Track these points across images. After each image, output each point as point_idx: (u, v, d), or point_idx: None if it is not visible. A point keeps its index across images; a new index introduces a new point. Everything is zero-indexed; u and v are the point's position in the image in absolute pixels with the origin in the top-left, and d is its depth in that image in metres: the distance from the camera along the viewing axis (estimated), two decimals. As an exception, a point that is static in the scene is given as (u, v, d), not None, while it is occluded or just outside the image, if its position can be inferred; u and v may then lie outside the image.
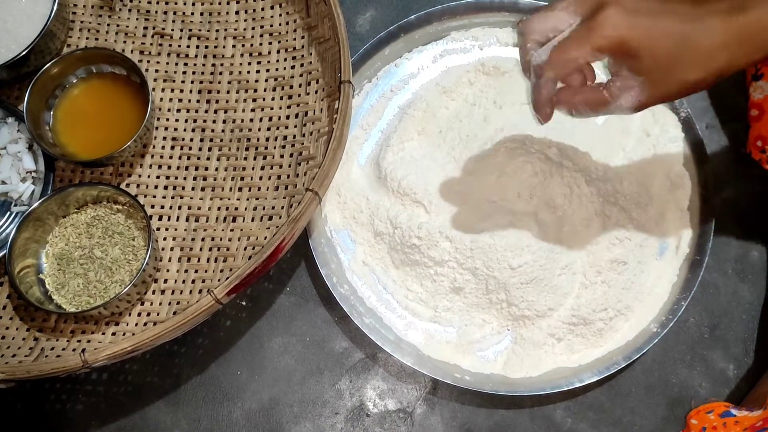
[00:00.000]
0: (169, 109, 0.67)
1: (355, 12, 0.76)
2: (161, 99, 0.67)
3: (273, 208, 0.62)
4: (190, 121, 0.67)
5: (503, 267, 0.60)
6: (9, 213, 0.62)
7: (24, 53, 0.62)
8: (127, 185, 0.65)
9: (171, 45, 0.69)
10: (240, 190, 0.64)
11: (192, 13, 0.70)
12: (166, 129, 0.66)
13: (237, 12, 0.70)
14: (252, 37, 0.69)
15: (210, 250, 0.62)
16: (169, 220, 0.64)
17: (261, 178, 0.64)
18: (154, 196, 0.64)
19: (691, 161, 0.67)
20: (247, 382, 0.64)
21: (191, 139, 0.66)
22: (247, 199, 0.64)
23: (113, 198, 0.62)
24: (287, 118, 0.65)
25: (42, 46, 0.63)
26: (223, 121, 0.67)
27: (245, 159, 0.65)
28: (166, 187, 0.65)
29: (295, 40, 0.68)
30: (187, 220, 0.64)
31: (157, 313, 0.60)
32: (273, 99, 0.67)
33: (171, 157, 0.66)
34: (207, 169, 0.65)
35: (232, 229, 0.62)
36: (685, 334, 0.65)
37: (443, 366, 0.61)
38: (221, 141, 0.66)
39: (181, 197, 0.64)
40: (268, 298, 0.66)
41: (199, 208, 0.64)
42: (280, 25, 0.69)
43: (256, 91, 0.67)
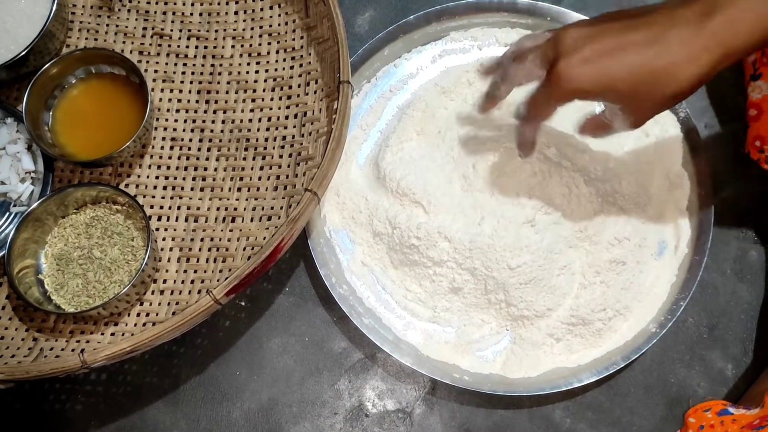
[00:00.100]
0: (168, 110, 0.67)
1: (354, 12, 0.76)
2: (160, 99, 0.67)
3: (272, 208, 0.62)
4: (189, 122, 0.67)
5: (502, 267, 0.60)
6: (8, 213, 0.62)
7: (23, 53, 0.62)
8: (126, 185, 0.65)
9: (170, 45, 0.69)
10: (239, 190, 0.64)
11: (191, 14, 0.70)
12: (166, 129, 0.66)
13: (236, 12, 0.70)
14: (251, 37, 0.69)
15: (209, 250, 0.62)
16: (168, 220, 0.64)
17: (260, 179, 0.64)
18: (153, 197, 0.64)
19: (690, 161, 0.67)
20: (246, 383, 0.64)
21: (190, 140, 0.66)
22: (246, 199, 0.64)
23: (112, 198, 0.62)
24: (286, 118, 0.66)
25: (41, 46, 0.63)
26: (222, 122, 0.67)
27: (244, 159, 0.65)
28: (165, 188, 0.65)
29: (294, 40, 0.68)
30: (186, 220, 0.64)
31: (156, 314, 0.60)
32: (272, 99, 0.67)
33: (170, 157, 0.66)
34: (206, 169, 0.65)
35: (231, 230, 0.62)
36: (684, 334, 0.65)
37: (442, 366, 0.61)
38: (220, 141, 0.66)
39: (180, 197, 0.64)
40: (267, 299, 0.66)
41: (198, 209, 0.64)
42: (279, 25, 0.69)
43: (255, 91, 0.67)
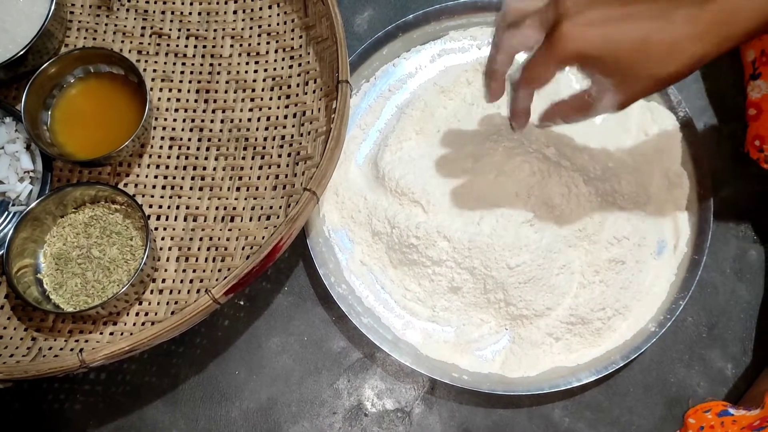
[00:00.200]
0: (167, 109, 0.67)
1: (353, 11, 0.76)
2: (159, 99, 0.67)
3: (271, 207, 0.62)
4: (188, 121, 0.67)
5: (501, 266, 0.60)
6: (7, 213, 0.62)
7: (21, 53, 0.61)
8: (125, 185, 0.65)
9: (169, 45, 0.69)
10: (238, 189, 0.64)
11: (190, 13, 0.70)
12: (164, 129, 0.66)
13: (235, 12, 0.70)
14: (250, 36, 0.69)
15: (208, 249, 0.62)
16: (167, 219, 0.64)
17: (259, 178, 0.64)
18: (152, 196, 0.64)
19: (689, 160, 0.67)
20: (245, 382, 0.64)
21: (189, 139, 0.66)
22: (245, 198, 0.64)
23: (111, 198, 0.62)
24: (285, 117, 0.65)
25: (40, 45, 0.63)
26: (221, 121, 0.67)
27: (243, 159, 0.65)
28: (164, 187, 0.65)
29: (293, 39, 0.68)
30: (185, 219, 0.64)
31: (155, 313, 0.60)
32: (271, 99, 0.67)
33: (169, 156, 0.66)
34: (205, 168, 0.65)
35: (230, 229, 0.62)
36: (683, 334, 0.65)
37: (441, 365, 0.61)
38: (219, 141, 0.66)
39: (179, 197, 0.64)
40: (266, 298, 0.66)
41: (197, 208, 0.64)
42: (278, 24, 0.69)
43: (254, 90, 0.67)
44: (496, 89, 0.53)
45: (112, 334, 0.59)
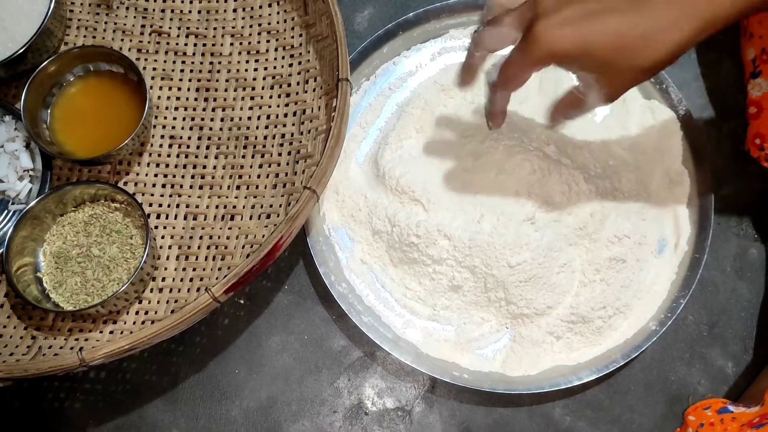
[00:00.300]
0: (167, 108, 0.67)
1: (354, 10, 0.76)
2: (159, 97, 0.67)
3: (271, 206, 0.62)
4: (188, 120, 0.67)
5: (502, 265, 0.60)
6: (6, 211, 0.62)
7: (21, 51, 0.61)
8: (125, 183, 0.64)
9: (169, 43, 0.69)
10: (238, 188, 0.64)
11: (190, 11, 0.70)
12: (164, 127, 0.66)
13: (235, 10, 0.70)
14: (250, 35, 0.69)
15: (208, 248, 0.62)
16: (167, 218, 0.63)
17: (259, 177, 0.64)
18: (152, 195, 0.64)
19: (690, 159, 0.67)
20: (246, 381, 0.63)
21: (189, 138, 0.66)
22: (245, 197, 0.63)
23: (111, 196, 0.61)
24: (285, 116, 0.65)
25: (39, 44, 0.63)
26: (221, 120, 0.67)
27: (243, 157, 0.65)
28: (164, 186, 0.65)
29: (293, 38, 0.68)
30: (185, 218, 0.63)
31: (155, 312, 0.59)
32: (271, 97, 0.67)
33: (169, 155, 0.66)
34: (205, 167, 0.65)
35: (230, 228, 0.62)
36: (684, 332, 0.65)
37: (442, 364, 0.61)
38: (219, 139, 0.66)
39: (179, 195, 0.64)
40: (266, 297, 0.66)
41: (197, 207, 0.64)
42: (278, 23, 0.69)
43: (254, 89, 0.67)
44: (467, 80, 0.55)
45: (112, 332, 0.59)
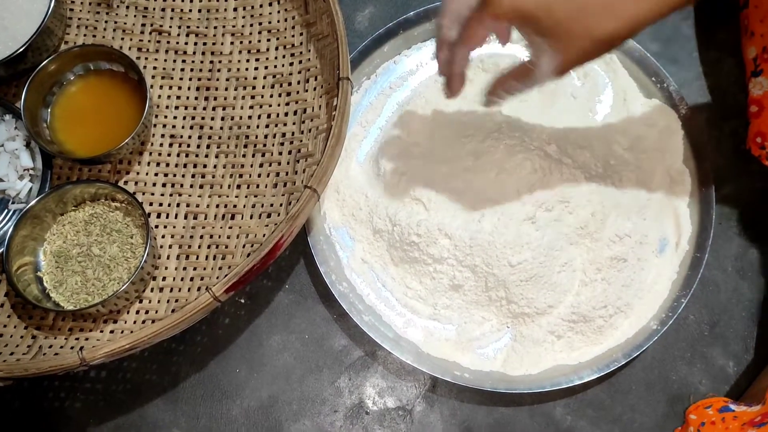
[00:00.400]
0: (167, 107, 0.67)
1: (354, 9, 0.76)
2: (159, 96, 0.67)
3: (271, 205, 0.62)
4: (188, 119, 0.67)
5: (503, 264, 0.60)
6: (6, 210, 0.62)
7: (21, 50, 0.61)
8: (125, 183, 0.64)
9: (169, 42, 0.69)
10: (238, 187, 0.64)
11: (190, 10, 0.70)
12: (165, 126, 0.66)
13: (235, 9, 0.70)
14: (250, 34, 0.69)
15: (208, 247, 0.62)
16: (167, 217, 0.63)
17: (259, 176, 0.64)
18: (153, 194, 0.64)
19: (691, 158, 0.67)
20: (246, 380, 0.63)
21: (189, 137, 0.66)
22: (246, 196, 0.63)
23: (111, 195, 0.61)
24: (286, 115, 0.65)
25: (39, 43, 0.63)
26: (222, 119, 0.66)
27: (244, 156, 0.65)
28: (164, 185, 0.64)
29: (293, 37, 0.68)
30: (185, 217, 0.63)
31: (156, 311, 0.59)
32: (272, 96, 0.66)
33: (169, 154, 0.65)
34: (205, 166, 0.65)
35: (230, 227, 0.62)
36: (685, 332, 0.65)
37: (442, 363, 0.61)
38: (219, 138, 0.66)
39: (180, 195, 0.64)
40: (267, 296, 0.66)
41: (197, 206, 0.64)
42: (278, 22, 0.69)
43: (254, 88, 0.67)
44: (442, 56, 0.53)
45: (112, 332, 0.59)
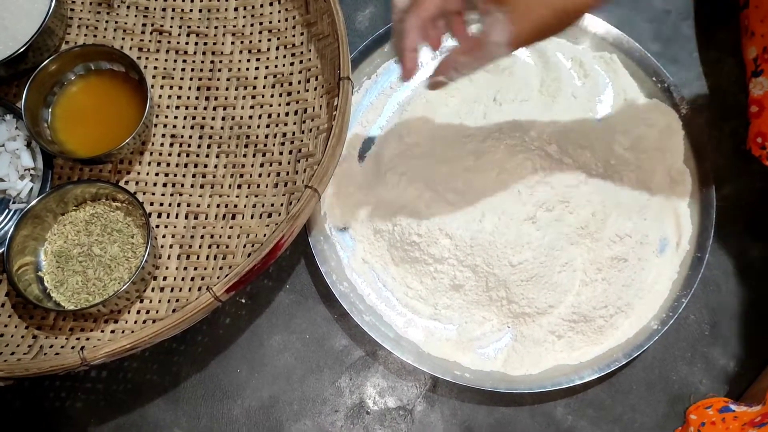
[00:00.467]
0: (168, 106, 0.67)
1: (355, 8, 0.76)
2: (160, 96, 0.67)
3: (272, 205, 0.62)
4: (189, 118, 0.67)
5: (503, 264, 0.60)
6: (7, 210, 0.62)
7: (22, 50, 0.61)
8: (126, 182, 0.64)
9: (170, 42, 0.69)
10: (239, 187, 0.64)
11: (190, 10, 0.70)
12: (165, 126, 0.66)
13: (236, 9, 0.70)
14: (251, 33, 0.69)
15: (209, 247, 0.62)
16: (168, 217, 0.63)
17: (260, 176, 0.64)
18: (153, 194, 0.64)
19: (692, 158, 0.67)
20: (247, 380, 0.63)
21: (190, 137, 0.66)
22: (247, 196, 0.63)
23: (112, 195, 0.61)
24: (286, 115, 0.65)
25: (40, 42, 0.63)
26: (222, 119, 0.66)
27: (244, 156, 0.65)
28: (165, 185, 0.64)
29: (294, 36, 0.68)
30: (186, 217, 0.63)
31: (157, 311, 0.59)
32: (272, 96, 0.66)
33: (170, 154, 0.65)
34: (206, 166, 0.65)
35: (231, 227, 0.62)
36: (686, 332, 0.65)
37: (443, 363, 0.61)
38: (220, 138, 0.66)
39: (180, 194, 0.64)
40: (268, 296, 0.66)
41: (198, 206, 0.64)
42: (279, 21, 0.69)
43: (255, 88, 0.67)
44: (394, 31, 0.50)
45: (113, 332, 0.59)
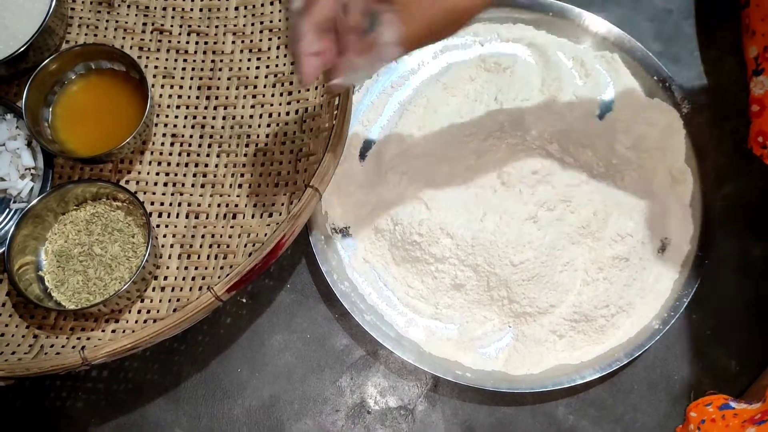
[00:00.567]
0: (168, 106, 0.67)
1: (355, 8, 0.76)
2: (160, 95, 0.67)
3: (273, 204, 0.62)
4: (189, 118, 0.66)
5: (504, 264, 0.60)
6: (8, 210, 0.62)
7: (22, 49, 0.61)
8: (127, 182, 0.64)
9: (170, 41, 0.69)
10: (240, 186, 0.64)
11: (191, 9, 0.70)
12: (166, 125, 0.66)
13: (236, 8, 0.70)
14: (252, 33, 0.69)
15: (210, 247, 0.62)
16: (168, 216, 0.63)
17: (261, 175, 0.64)
18: (154, 193, 0.64)
19: (693, 157, 0.67)
20: (248, 380, 0.63)
21: (191, 136, 0.66)
22: (247, 195, 0.63)
23: (112, 195, 0.61)
24: (287, 114, 0.65)
25: (40, 42, 0.63)
26: (223, 118, 0.66)
27: (245, 155, 0.65)
28: (165, 184, 0.64)
29: (295, 36, 0.67)
30: (186, 216, 0.63)
31: (157, 311, 0.59)
32: (273, 95, 0.66)
33: (170, 153, 0.65)
34: (207, 165, 0.65)
35: (232, 226, 0.62)
36: (687, 331, 0.65)
37: (444, 363, 0.61)
38: (221, 137, 0.66)
39: (181, 194, 0.64)
40: (269, 295, 0.66)
41: (198, 205, 0.63)
42: (279, 20, 0.69)
43: (255, 87, 0.67)
44: (307, 70, 0.46)
45: (114, 331, 0.58)
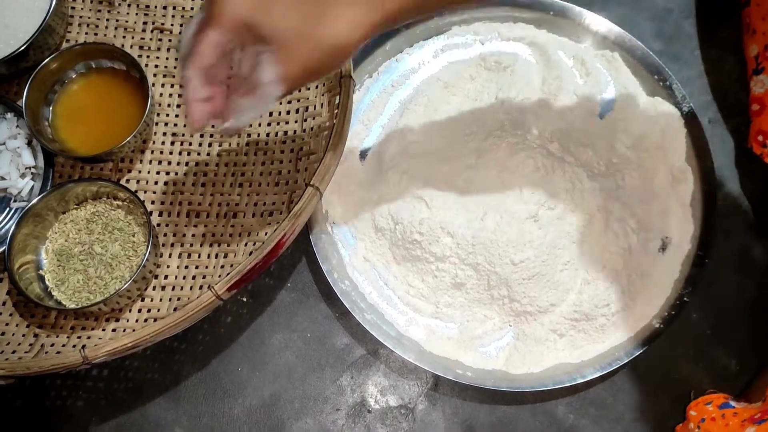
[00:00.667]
0: (168, 105, 0.67)
1: (356, 7, 0.76)
2: (161, 94, 0.67)
3: (273, 203, 0.62)
4: (189, 117, 0.66)
5: (505, 263, 0.60)
6: (8, 209, 0.62)
7: (23, 48, 0.61)
8: (127, 181, 0.64)
9: (170, 40, 0.69)
10: (240, 185, 0.64)
11: (191, 8, 0.70)
12: (166, 124, 0.66)
13: (237, 7, 0.70)
14: (252, 32, 0.69)
15: (210, 246, 0.62)
16: (169, 216, 0.63)
17: (261, 174, 0.64)
18: (154, 192, 0.64)
19: (693, 156, 0.67)
20: (248, 379, 0.63)
21: (191, 135, 0.66)
22: (248, 194, 0.63)
23: (113, 194, 0.61)
24: (288, 113, 0.65)
25: (41, 41, 0.63)
26: (223, 117, 0.66)
27: (245, 154, 0.65)
28: (166, 183, 0.64)
29: (295, 35, 0.67)
30: (187, 216, 0.63)
31: (158, 309, 0.59)
32: (273, 94, 0.66)
33: (171, 152, 0.65)
34: (207, 164, 0.65)
35: (232, 225, 0.62)
36: (688, 330, 0.65)
37: (445, 362, 0.61)
38: (221, 137, 0.66)
39: (181, 193, 0.64)
40: (269, 294, 0.66)
41: (199, 204, 0.63)
42: (280, 20, 0.69)
43: (256, 86, 0.67)
44: (198, 117, 0.45)
45: (114, 330, 0.58)
